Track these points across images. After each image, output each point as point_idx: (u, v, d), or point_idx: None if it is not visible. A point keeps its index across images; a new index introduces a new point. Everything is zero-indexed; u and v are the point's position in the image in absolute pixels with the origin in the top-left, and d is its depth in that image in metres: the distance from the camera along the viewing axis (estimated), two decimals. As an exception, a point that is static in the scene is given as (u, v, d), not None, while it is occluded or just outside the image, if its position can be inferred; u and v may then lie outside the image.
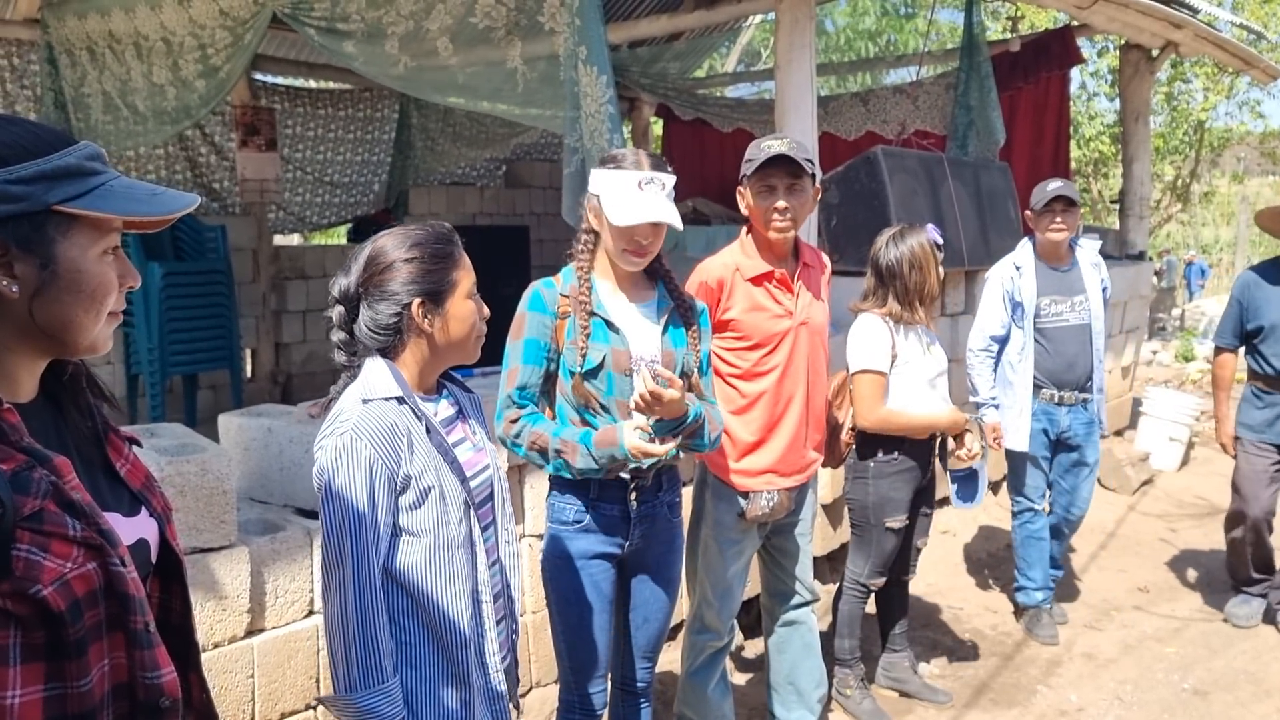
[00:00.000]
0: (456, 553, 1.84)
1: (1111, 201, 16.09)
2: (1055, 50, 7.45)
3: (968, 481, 3.73)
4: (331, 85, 8.83)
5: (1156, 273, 11.40)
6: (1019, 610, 4.54)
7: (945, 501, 5.58)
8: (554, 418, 2.47)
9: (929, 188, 5.42)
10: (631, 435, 2.24)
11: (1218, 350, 4.63)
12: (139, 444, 1.37)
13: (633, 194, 2.32)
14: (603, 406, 2.39)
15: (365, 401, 1.77)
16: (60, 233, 1.14)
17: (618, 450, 2.25)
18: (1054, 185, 4.22)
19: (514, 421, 2.36)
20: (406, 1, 4.45)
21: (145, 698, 1.20)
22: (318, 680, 2.87)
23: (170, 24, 5.31)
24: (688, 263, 3.17)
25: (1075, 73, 9.16)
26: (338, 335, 1.86)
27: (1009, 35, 9.97)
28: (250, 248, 7.82)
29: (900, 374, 3.43)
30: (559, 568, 2.47)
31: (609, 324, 2.39)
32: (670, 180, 2.37)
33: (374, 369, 1.82)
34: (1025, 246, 4.39)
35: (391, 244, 1.83)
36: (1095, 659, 4.17)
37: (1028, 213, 4.39)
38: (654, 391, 2.21)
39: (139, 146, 6.69)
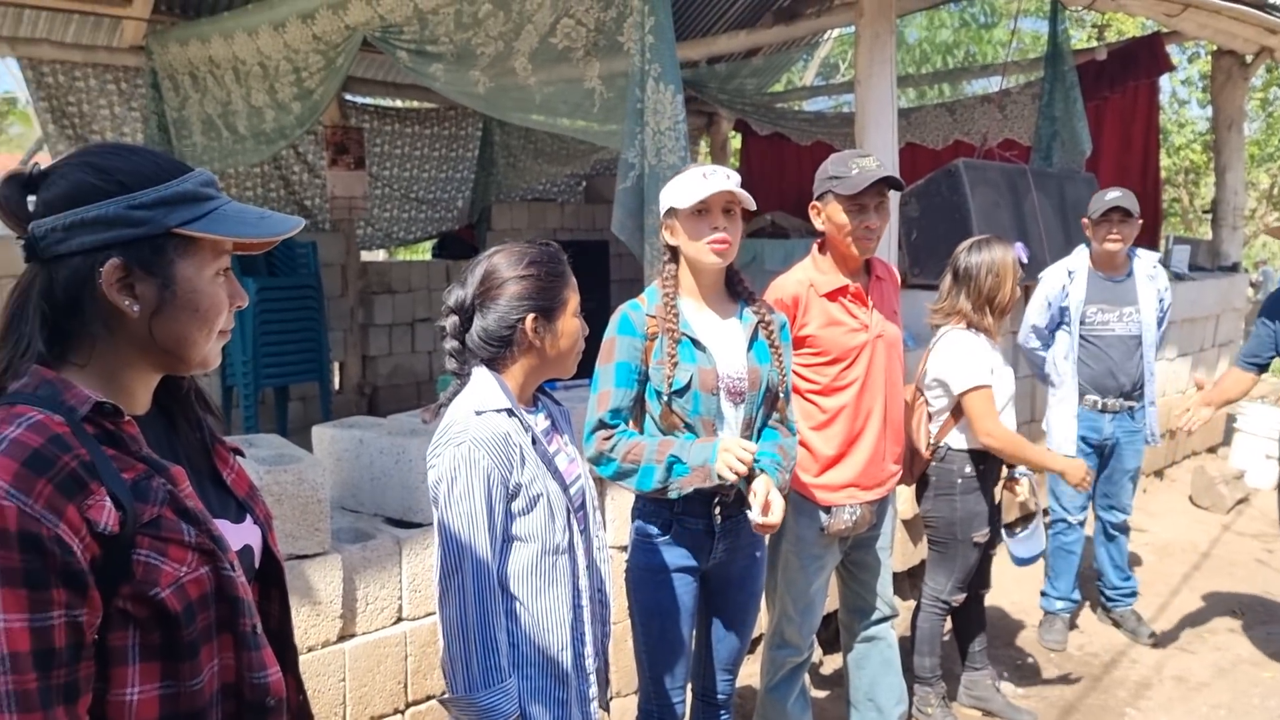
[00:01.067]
0: (560, 558, 1.91)
1: (1204, 211, 15.60)
2: (1143, 58, 7.29)
3: (1030, 540, 3.69)
4: (417, 104, 9.05)
5: (1253, 284, 11.00)
6: (1115, 622, 4.53)
7: (1029, 519, 5.49)
8: None
9: (1012, 200, 5.36)
10: (726, 458, 2.27)
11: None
12: (242, 454, 1.44)
13: (697, 181, 2.38)
14: (688, 426, 2.42)
15: (478, 413, 1.85)
16: (178, 254, 1.20)
17: (710, 459, 2.30)
18: (1112, 195, 4.18)
19: (607, 439, 2.40)
20: (495, 23, 4.56)
21: (252, 697, 1.26)
22: (405, 685, 2.96)
23: (266, 49, 5.52)
24: (766, 276, 3.19)
25: (1164, 80, 8.91)
26: (450, 344, 1.95)
27: (1095, 44, 9.77)
28: (339, 263, 8.05)
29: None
30: (642, 579, 2.52)
31: (695, 343, 2.43)
32: (735, 175, 2.41)
33: (483, 381, 1.90)
34: (1081, 253, 4.40)
35: (507, 260, 1.92)
36: (1187, 682, 4.06)
37: (1085, 220, 4.35)
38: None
39: (237, 166, 6.95)
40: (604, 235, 9.66)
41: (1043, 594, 4.50)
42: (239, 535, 1.33)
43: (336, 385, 8.24)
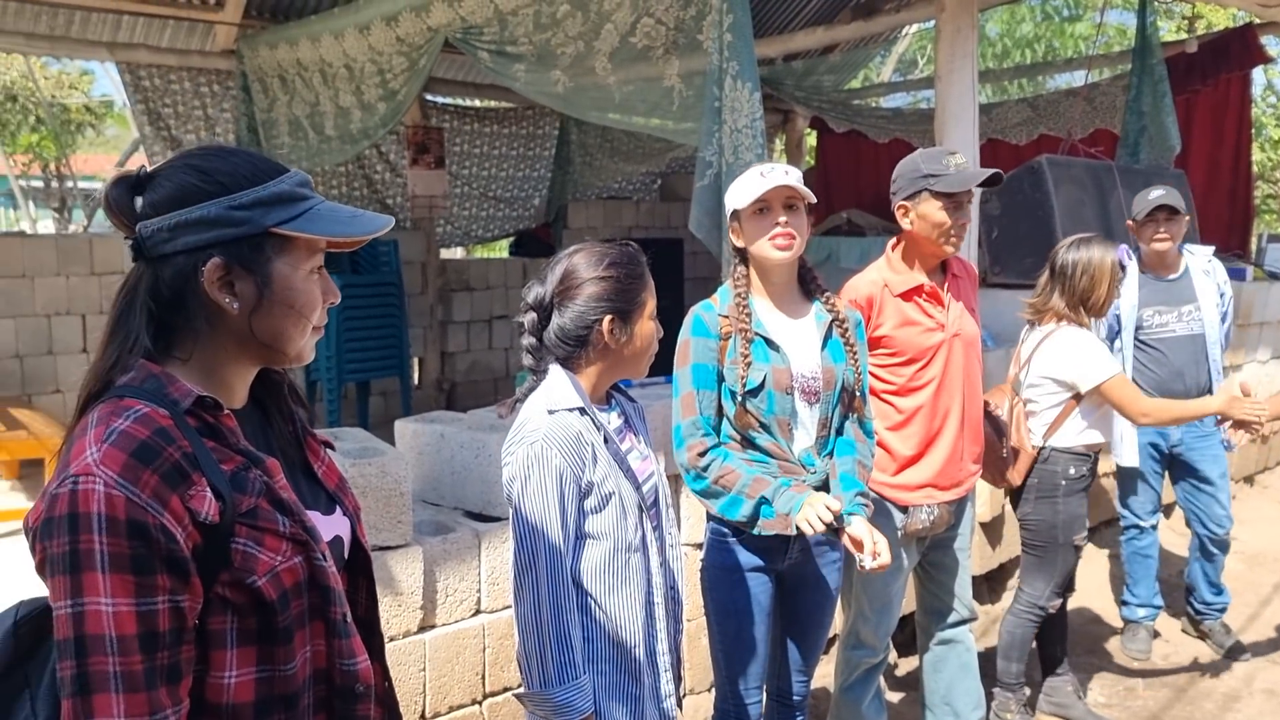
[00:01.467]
0: (633, 556, 1.93)
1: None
2: (1235, 50, 7.06)
3: None
4: (495, 104, 9.18)
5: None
6: (1202, 634, 4.40)
7: (1109, 524, 5.37)
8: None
9: (1097, 198, 5.24)
10: (809, 512, 2.27)
11: None
12: (333, 447, 1.48)
13: (755, 180, 2.39)
14: (763, 425, 2.43)
15: (551, 412, 1.88)
16: (275, 253, 1.24)
17: (793, 511, 2.31)
18: (1156, 194, 4.07)
19: (702, 454, 2.41)
20: (574, 23, 4.61)
21: (342, 683, 1.30)
22: (483, 677, 3.01)
23: (352, 51, 5.66)
24: (842, 274, 3.18)
25: (1258, 72, 8.62)
26: (528, 340, 1.98)
27: (1185, 36, 9.48)
28: (419, 261, 8.21)
29: None
30: (719, 578, 2.52)
31: (769, 342, 2.43)
32: (795, 170, 2.41)
33: (557, 380, 1.93)
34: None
35: (587, 260, 1.94)
36: (1277, 695, 3.93)
37: (1130, 222, 4.24)
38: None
39: (323, 166, 7.13)
40: (679, 233, 9.69)
41: (1123, 602, 4.39)
42: (330, 526, 1.36)
43: (416, 381, 8.40)
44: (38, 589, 1.38)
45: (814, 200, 2.43)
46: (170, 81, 7.14)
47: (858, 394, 2.53)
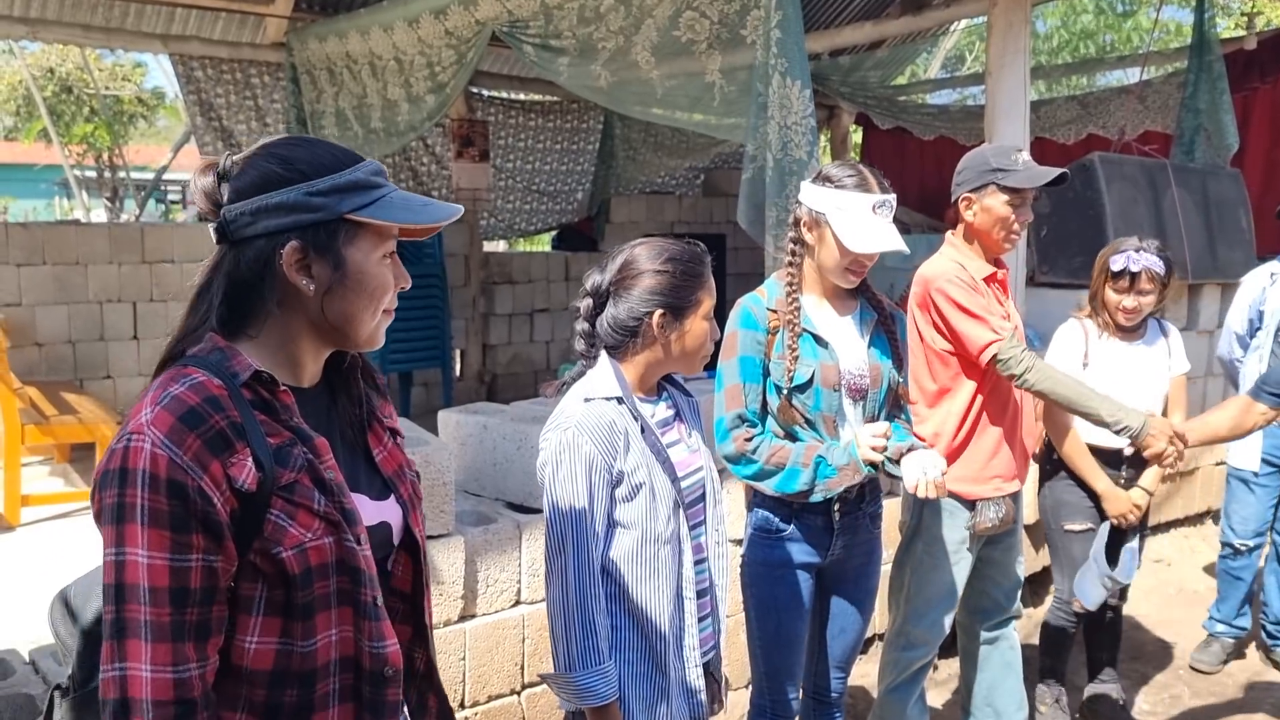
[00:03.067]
0: (663, 548, 1.93)
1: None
2: (1297, 47, 6.89)
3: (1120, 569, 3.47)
4: (540, 98, 9.21)
5: None
6: (1263, 649, 4.26)
7: (1161, 527, 5.28)
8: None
9: (1151, 196, 5.14)
10: (865, 450, 2.32)
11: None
12: (401, 435, 1.50)
13: (867, 218, 2.33)
14: (808, 422, 2.41)
15: (587, 400, 1.90)
16: (349, 238, 1.28)
17: (853, 453, 2.34)
18: None
19: (749, 439, 2.40)
20: (616, 17, 4.61)
21: (370, 666, 1.32)
22: (522, 667, 3.03)
23: (401, 44, 5.71)
24: (886, 271, 3.15)
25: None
26: (581, 326, 2.00)
27: (1244, 33, 9.27)
28: (463, 253, 8.26)
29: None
30: (759, 574, 2.51)
31: (817, 338, 2.41)
32: (894, 200, 2.38)
33: (601, 368, 1.95)
34: None
35: (648, 253, 1.95)
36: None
37: None
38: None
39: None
40: (721, 229, 9.66)
41: (1209, 616, 4.26)
42: (378, 511, 1.38)
43: (457, 372, 8.45)
44: (79, 568, 1.44)
45: (907, 251, 2.40)
46: (222, 73, 7.24)
47: (901, 388, 2.52)
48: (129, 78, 19.72)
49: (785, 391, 2.39)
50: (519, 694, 3.04)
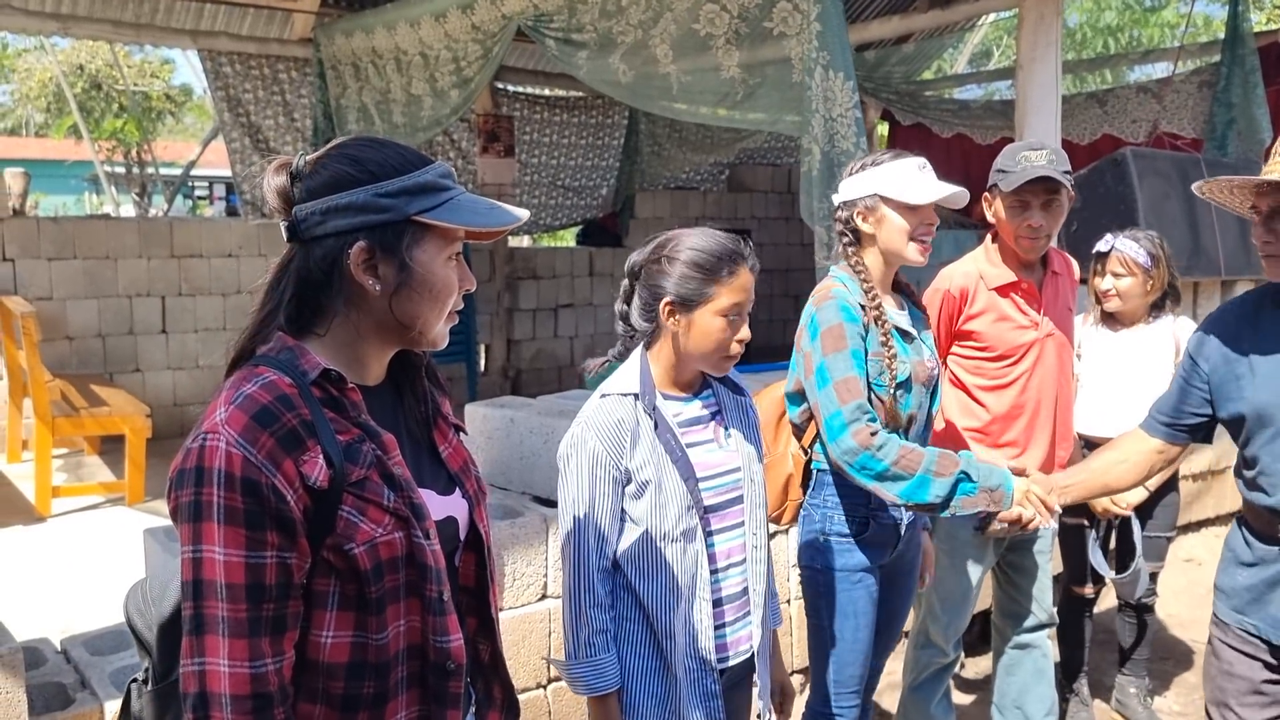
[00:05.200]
0: (671, 546, 1.90)
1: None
2: (1332, 41, 6.79)
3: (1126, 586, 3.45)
4: (565, 93, 9.21)
5: None
6: None
7: (1192, 526, 5.22)
8: None
9: (1183, 191, 5.07)
10: (1031, 503, 2.24)
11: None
12: (464, 431, 1.52)
13: (916, 175, 2.30)
14: (905, 420, 2.36)
15: (603, 396, 1.91)
16: (416, 240, 1.29)
17: (1005, 486, 2.24)
18: None
19: (874, 434, 2.21)
20: (635, 11, 4.61)
21: (435, 659, 1.33)
22: (548, 661, 3.03)
23: (428, 39, 5.72)
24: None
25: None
26: (620, 307, 2.00)
27: (1276, 26, 9.15)
28: (488, 249, 8.28)
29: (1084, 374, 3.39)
30: (828, 580, 2.42)
31: (903, 333, 2.36)
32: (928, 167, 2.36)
33: (629, 362, 1.95)
34: None
35: (680, 241, 1.91)
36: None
37: None
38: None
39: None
40: (746, 223, 9.64)
41: None
42: (444, 506, 1.40)
43: (482, 367, 8.48)
44: (125, 556, 1.46)
45: (965, 201, 2.36)
46: (250, 69, 7.28)
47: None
48: (157, 74, 19.92)
49: (890, 391, 2.31)
50: (545, 688, 3.04)
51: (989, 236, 2.86)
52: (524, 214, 1.37)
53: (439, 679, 1.34)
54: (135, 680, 1.46)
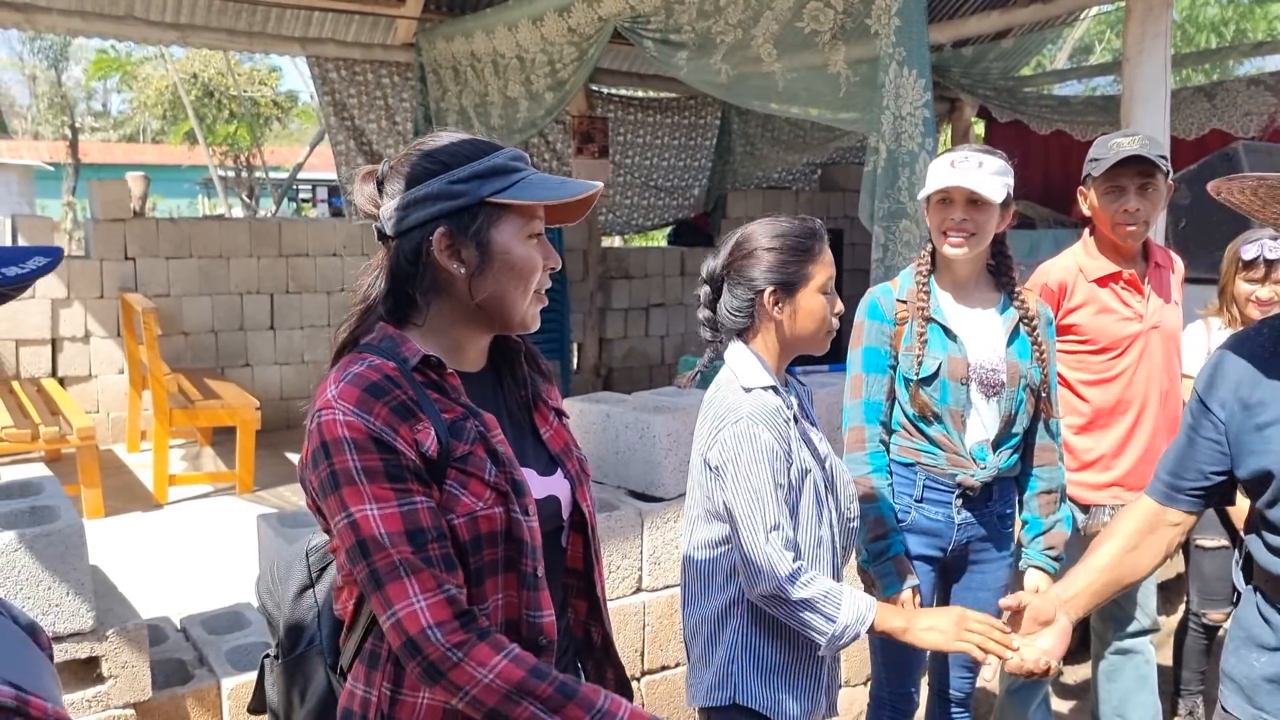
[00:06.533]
0: (822, 530, 1.94)
1: None
2: None
3: None
4: (658, 94, 9.26)
5: None
6: None
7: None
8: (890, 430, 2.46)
9: (1301, 188, 4.87)
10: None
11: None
12: (565, 415, 1.56)
13: (944, 171, 2.31)
14: (935, 415, 2.38)
15: (747, 390, 1.89)
16: (492, 221, 1.35)
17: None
18: None
19: (862, 441, 2.41)
20: (735, 10, 4.62)
21: (528, 634, 1.37)
22: (642, 654, 3.07)
23: (525, 42, 5.83)
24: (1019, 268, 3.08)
25: None
26: (703, 313, 2.01)
27: None
28: (581, 248, 8.38)
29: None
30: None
31: (947, 330, 2.37)
32: (995, 162, 2.30)
33: (743, 358, 1.93)
34: None
35: (756, 231, 1.94)
36: None
37: None
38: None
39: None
40: (839, 224, 9.55)
41: None
42: (545, 486, 1.44)
43: (575, 365, 8.58)
44: (236, 542, 1.58)
45: (997, 200, 2.30)
46: (355, 74, 7.51)
47: (1044, 395, 2.43)
48: (265, 81, 20.64)
49: (913, 382, 2.37)
50: (639, 680, 3.08)
51: (1086, 230, 2.82)
52: (595, 185, 1.41)
53: (533, 654, 1.36)
54: (267, 655, 1.55)
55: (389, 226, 1.36)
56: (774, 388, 1.91)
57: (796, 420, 1.93)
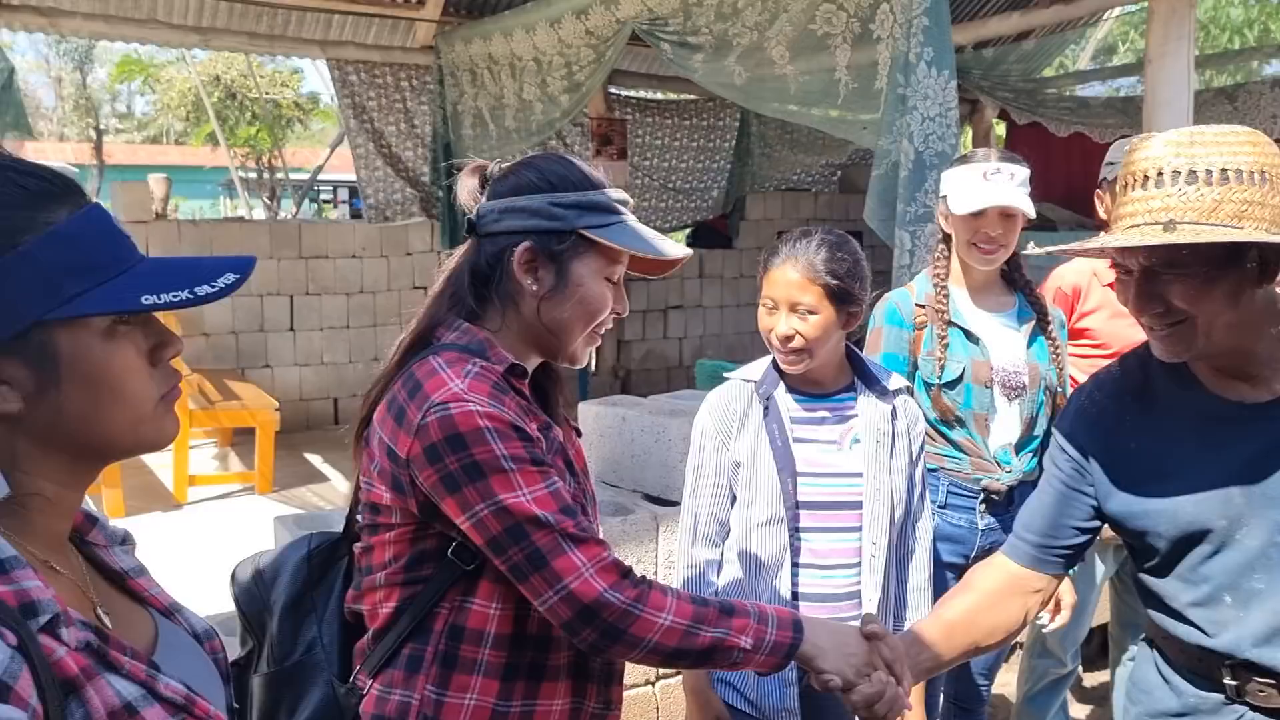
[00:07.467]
0: (757, 530, 1.94)
1: None
2: None
3: None
4: (676, 96, 9.25)
5: None
6: None
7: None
8: None
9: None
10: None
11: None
12: (580, 434, 1.60)
13: (977, 183, 2.30)
14: (958, 419, 2.36)
15: (726, 378, 2.01)
16: (578, 252, 1.38)
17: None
18: None
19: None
20: (751, 13, 4.60)
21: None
22: (656, 656, 3.06)
23: (542, 44, 5.84)
24: (1032, 270, 3.05)
25: None
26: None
27: None
28: (597, 249, 8.37)
29: None
30: None
31: (968, 334, 2.36)
32: (1022, 171, 2.31)
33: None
34: None
35: (859, 251, 1.98)
36: None
37: None
38: None
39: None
40: (858, 225, 9.49)
41: None
42: None
43: (593, 367, 8.58)
44: (256, 542, 1.54)
45: (1031, 215, 2.33)
46: (374, 76, 7.54)
47: (1060, 392, 2.43)
48: (287, 83, 20.77)
49: (935, 386, 2.35)
50: (653, 684, 3.08)
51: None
52: (686, 252, 1.44)
53: (605, 661, 1.42)
54: (237, 664, 1.43)
55: (481, 224, 1.40)
56: (755, 383, 1.99)
57: (770, 417, 1.94)
